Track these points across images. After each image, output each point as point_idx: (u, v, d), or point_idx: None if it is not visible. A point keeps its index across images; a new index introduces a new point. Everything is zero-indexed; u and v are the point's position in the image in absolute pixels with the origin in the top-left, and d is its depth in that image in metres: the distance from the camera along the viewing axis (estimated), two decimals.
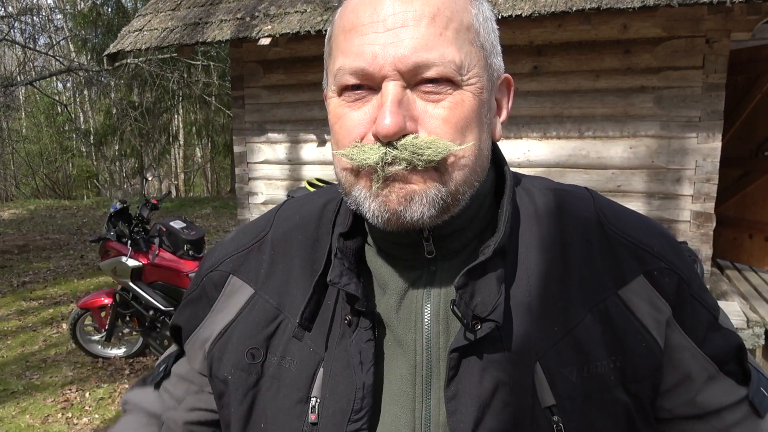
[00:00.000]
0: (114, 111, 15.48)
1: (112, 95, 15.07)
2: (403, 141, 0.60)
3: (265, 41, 4.50)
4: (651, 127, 4.22)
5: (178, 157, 19.68)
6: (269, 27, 4.52)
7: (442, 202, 0.62)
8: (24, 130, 19.69)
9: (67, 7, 17.05)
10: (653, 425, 0.72)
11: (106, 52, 5.35)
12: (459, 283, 0.65)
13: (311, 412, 0.68)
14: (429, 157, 0.60)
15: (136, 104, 14.45)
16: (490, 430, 0.63)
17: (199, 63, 12.69)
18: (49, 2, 19.96)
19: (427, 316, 0.68)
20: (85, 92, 18.18)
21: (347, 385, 0.66)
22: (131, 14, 13.78)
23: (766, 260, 4.98)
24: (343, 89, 0.64)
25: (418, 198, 0.61)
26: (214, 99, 14.82)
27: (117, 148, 17.42)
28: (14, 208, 14.55)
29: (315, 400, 0.68)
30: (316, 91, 5.11)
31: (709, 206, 4.15)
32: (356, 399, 0.65)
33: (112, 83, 14.54)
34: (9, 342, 5.26)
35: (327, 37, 0.70)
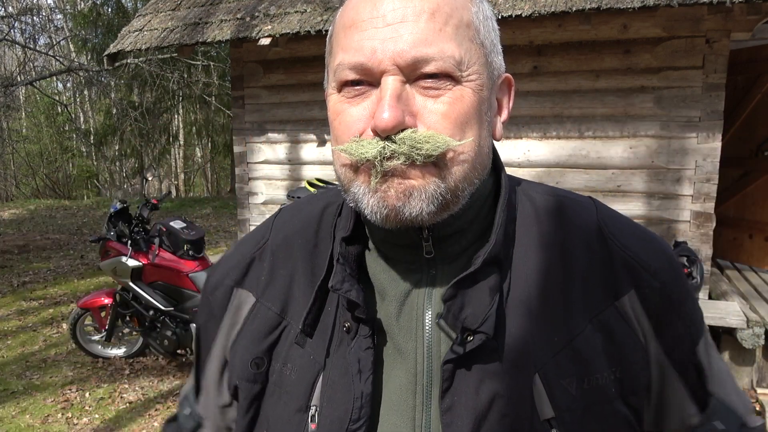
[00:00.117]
0: (114, 111, 15.49)
1: (112, 95, 15.08)
2: (401, 135, 0.59)
3: (265, 41, 4.50)
4: (651, 127, 4.22)
5: (178, 157, 19.68)
6: (269, 27, 4.52)
7: (441, 198, 0.61)
8: (24, 130, 19.70)
9: (67, 7, 17.05)
10: None
11: (106, 52, 5.35)
12: (447, 295, 0.64)
13: (311, 421, 0.67)
14: (428, 152, 0.59)
15: (136, 104, 14.45)
16: None
17: (199, 63, 12.69)
18: (49, 2, 19.97)
19: (428, 324, 0.67)
20: (85, 92, 18.18)
21: (345, 394, 0.65)
22: (131, 14, 13.79)
23: (766, 260, 4.98)
24: (343, 85, 0.63)
25: (417, 193, 0.60)
26: (214, 99, 14.82)
27: (117, 148, 17.42)
28: (14, 208, 14.55)
29: (315, 409, 0.67)
30: (316, 91, 5.11)
31: (709, 206, 4.15)
32: (354, 408, 0.64)
33: (112, 83, 14.54)
34: (9, 342, 5.26)
35: (328, 35, 0.69)
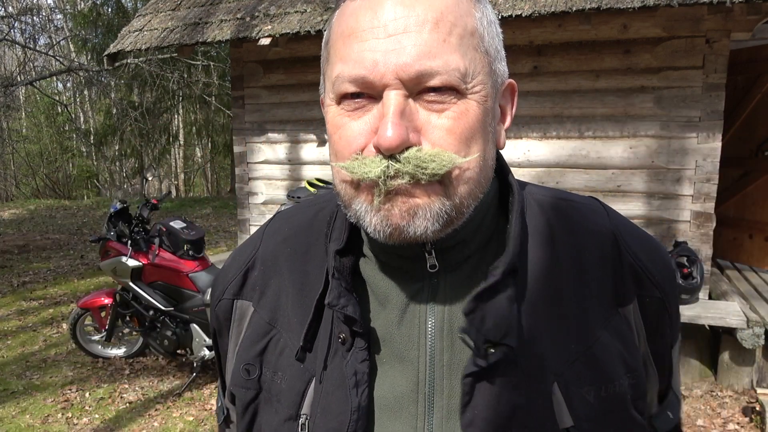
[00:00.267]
0: (114, 111, 15.49)
1: (112, 95, 15.08)
2: (406, 154, 0.57)
3: (265, 41, 4.50)
4: (651, 127, 4.22)
5: (178, 157, 19.69)
6: (269, 27, 4.52)
7: (446, 216, 0.60)
8: (24, 130, 19.71)
9: (67, 7, 17.06)
10: None
11: (106, 52, 5.35)
12: (467, 309, 0.62)
13: (302, 430, 0.67)
14: (433, 171, 0.57)
15: (136, 104, 14.45)
16: None
17: (199, 63, 12.69)
18: (49, 2, 19.97)
19: (430, 332, 0.66)
20: (85, 92, 18.19)
21: (340, 405, 0.65)
22: (131, 14, 13.78)
23: (766, 260, 4.98)
24: (342, 97, 0.61)
25: (422, 212, 0.59)
26: (214, 99, 14.81)
27: (117, 148, 17.42)
28: (14, 208, 14.55)
29: (305, 418, 0.67)
30: (316, 91, 5.05)
31: (709, 206, 4.15)
32: (351, 421, 0.64)
33: (112, 83, 14.54)
34: (9, 342, 5.26)
35: (324, 41, 0.67)
